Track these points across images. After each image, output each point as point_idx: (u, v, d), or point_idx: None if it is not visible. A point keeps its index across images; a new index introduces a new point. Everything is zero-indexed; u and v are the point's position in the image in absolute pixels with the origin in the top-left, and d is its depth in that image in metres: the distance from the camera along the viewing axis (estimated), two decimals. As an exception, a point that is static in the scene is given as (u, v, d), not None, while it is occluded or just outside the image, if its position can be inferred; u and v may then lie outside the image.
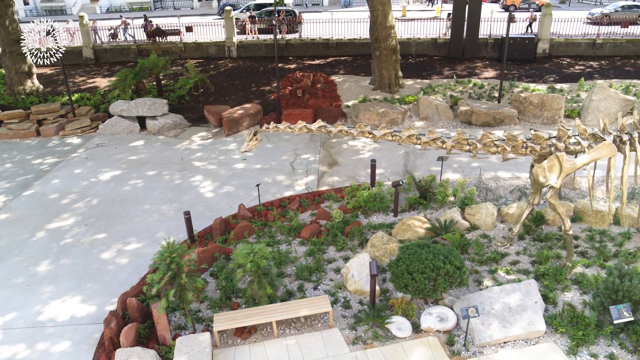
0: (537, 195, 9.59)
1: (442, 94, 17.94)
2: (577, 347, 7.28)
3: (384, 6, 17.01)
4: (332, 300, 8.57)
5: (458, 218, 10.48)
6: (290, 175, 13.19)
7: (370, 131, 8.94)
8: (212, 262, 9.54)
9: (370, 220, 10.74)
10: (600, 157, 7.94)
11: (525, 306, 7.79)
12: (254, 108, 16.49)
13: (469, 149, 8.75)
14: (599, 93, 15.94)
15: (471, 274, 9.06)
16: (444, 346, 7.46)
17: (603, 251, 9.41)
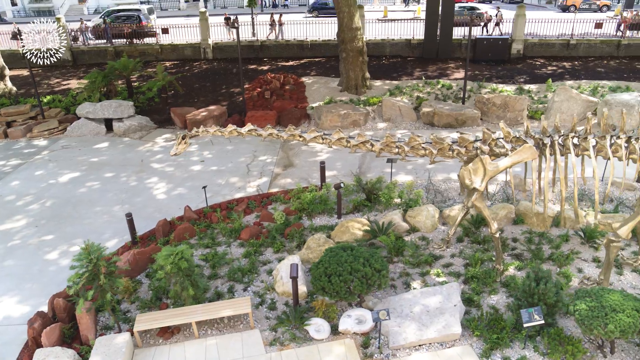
0: (469, 198, 9.68)
1: (409, 95, 17.98)
2: (490, 350, 7.33)
3: (349, 8, 17.08)
4: (259, 301, 8.67)
5: (398, 220, 10.54)
6: (244, 177, 13.29)
7: (301, 134, 9.01)
8: (148, 264, 9.67)
9: (312, 222, 10.86)
10: (522, 160, 7.96)
11: (444, 309, 7.85)
12: (218, 110, 16.62)
13: (397, 152, 8.80)
14: (561, 94, 15.92)
15: (401, 277, 9.17)
16: (358, 348, 7.53)
17: (537, 254, 9.46)
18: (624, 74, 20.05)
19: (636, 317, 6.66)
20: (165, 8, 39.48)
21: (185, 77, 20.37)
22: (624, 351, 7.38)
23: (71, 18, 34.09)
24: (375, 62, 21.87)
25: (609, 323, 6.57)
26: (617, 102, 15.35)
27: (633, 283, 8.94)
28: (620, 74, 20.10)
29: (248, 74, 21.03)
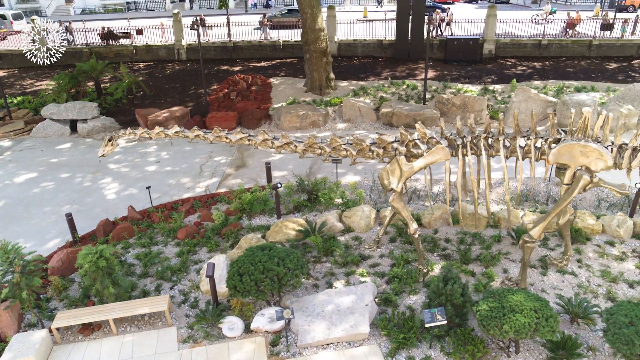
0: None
1: (372, 95, 18.06)
2: (397, 350, 7.43)
3: (312, 9, 17.19)
4: (183, 299, 8.85)
5: (333, 221, 10.64)
6: (195, 177, 13.45)
7: (227, 135, 9.14)
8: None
9: (249, 222, 10.99)
10: (436, 161, 8.05)
11: (355, 309, 7.95)
12: (180, 111, 16.79)
13: (320, 153, 8.92)
14: (520, 94, 15.94)
15: (326, 276, 9.27)
16: (267, 346, 7.67)
17: (465, 254, 9.53)
18: (592, 74, 19.99)
19: (532, 318, 6.73)
20: (151, 9, 39.77)
21: (156, 78, 20.57)
22: (529, 351, 7.47)
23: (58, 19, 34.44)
24: (346, 62, 21.96)
25: (505, 323, 6.65)
26: (573, 102, 15.34)
27: (555, 283, 9.02)
28: (589, 74, 20.04)
29: (219, 74, 21.22)
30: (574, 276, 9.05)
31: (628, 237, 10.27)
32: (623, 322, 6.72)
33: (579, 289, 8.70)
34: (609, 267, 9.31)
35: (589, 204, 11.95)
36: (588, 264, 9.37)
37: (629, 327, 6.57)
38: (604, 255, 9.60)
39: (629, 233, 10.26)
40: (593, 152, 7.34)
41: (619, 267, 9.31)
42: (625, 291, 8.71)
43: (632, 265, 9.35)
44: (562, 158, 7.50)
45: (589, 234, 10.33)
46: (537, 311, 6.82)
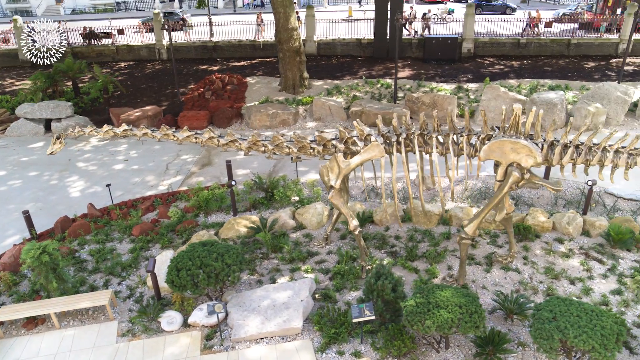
0: (345, 195, 9.84)
1: (346, 94, 18.14)
2: (328, 345, 7.51)
3: (285, 9, 17.28)
4: (129, 294, 8.97)
5: (286, 218, 10.74)
6: (160, 175, 13.58)
7: (174, 134, 9.24)
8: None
9: (205, 220, 11.11)
10: (371, 158, 8.13)
11: (290, 304, 8.04)
12: (153, 110, 16.93)
13: (263, 150, 9.00)
14: (488, 93, 15.97)
15: (271, 272, 9.36)
16: (202, 340, 7.78)
17: (411, 251, 9.60)
18: (569, 73, 19.98)
19: (456, 313, 6.79)
20: (141, 8, 40.00)
21: (135, 77, 20.74)
22: (459, 347, 7.54)
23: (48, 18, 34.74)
24: (324, 62, 22.05)
25: (428, 319, 6.73)
26: (541, 101, 15.36)
27: (497, 280, 9.07)
28: (566, 73, 20.03)
29: (197, 74, 21.36)
30: (517, 273, 9.10)
31: (577, 235, 10.31)
32: (547, 317, 6.76)
33: (520, 286, 8.79)
34: (554, 264, 9.36)
35: (546, 202, 12.02)
36: (534, 261, 9.42)
37: (551, 323, 6.64)
38: (551, 252, 9.65)
39: (578, 230, 10.30)
40: (523, 149, 7.39)
41: (564, 264, 9.36)
42: (565, 288, 8.77)
43: (577, 262, 9.39)
44: (492, 155, 7.56)
45: (539, 231, 10.38)
46: (462, 307, 6.88)
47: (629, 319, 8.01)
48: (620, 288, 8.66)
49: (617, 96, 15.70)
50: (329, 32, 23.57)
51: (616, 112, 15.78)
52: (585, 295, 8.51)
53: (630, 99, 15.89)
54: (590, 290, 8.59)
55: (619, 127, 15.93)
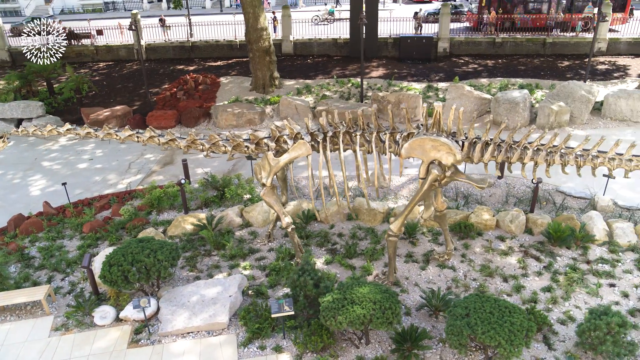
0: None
1: (316, 93, 18.24)
2: (251, 340, 7.64)
3: (254, 9, 17.40)
4: (70, 290, 9.15)
5: (233, 216, 10.88)
6: (122, 174, 13.75)
7: (116, 133, 9.39)
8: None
9: (155, 218, 11.26)
10: (298, 156, 8.25)
11: (218, 299, 8.17)
12: (122, 110, 17.12)
13: (201, 149, 9.15)
14: (453, 92, 16.02)
15: (210, 269, 9.49)
16: (131, 334, 7.93)
17: (350, 249, 9.70)
18: (542, 72, 19.97)
19: (369, 309, 6.90)
20: (129, 8, 40.19)
21: (112, 77, 20.94)
22: (379, 343, 7.64)
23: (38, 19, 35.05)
24: (300, 61, 22.15)
25: (340, 315, 6.83)
26: (504, 100, 15.39)
27: (431, 277, 9.15)
28: (538, 72, 20.03)
29: (173, 74, 21.53)
30: (452, 270, 9.19)
31: (520, 232, 10.37)
32: (460, 314, 6.86)
33: (452, 283, 8.88)
34: (492, 261, 9.43)
35: (497, 200, 12.08)
36: (471, 259, 9.50)
37: (464, 319, 6.73)
38: (490, 250, 9.73)
39: (521, 228, 10.36)
40: (443, 146, 7.47)
41: (502, 262, 9.43)
42: (498, 285, 8.84)
43: (514, 260, 9.47)
44: (414, 152, 7.65)
45: (482, 229, 10.45)
46: (376, 303, 7.00)
47: (554, 316, 8.10)
48: (552, 285, 8.75)
49: (581, 95, 15.71)
50: (306, 32, 23.67)
51: (580, 110, 15.78)
52: (516, 292, 8.59)
53: (594, 97, 15.89)
54: (522, 288, 8.66)
55: (582, 125, 15.95)
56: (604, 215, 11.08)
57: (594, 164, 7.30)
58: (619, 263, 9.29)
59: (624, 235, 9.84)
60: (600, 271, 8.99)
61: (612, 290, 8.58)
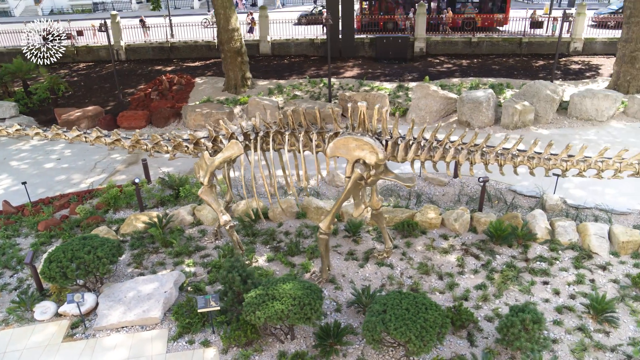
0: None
1: (287, 94, 18.41)
2: (181, 334, 7.83)
3: (225, 10, 17.60)
4: (16, 286, 9.36)
5: (184, 214, 11.08)
6: (87, 173, 13.98)
7: (64, 133, 9.61)
8: None
9: (110, 216, 11.47)
10: (231, 155, 8.42)
11: (153, 295, 8.37)
12: (94, 110, 17.36)
13: (145, 149, 9.34)
14: (418, 91, 16.15)
15: (154, 266, 9.68)
16: (67, 329, 8.14)
17: (292, 247, 9.86)
18: (515, 72, 20.05)
19: (288, 305, 7.06)
20: (119, 9, 40.55)
21: (91, 78, 21.20)
22: (305, 338, 7.80)
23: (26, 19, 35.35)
24: (276, 62, 22.33)
25: (259, 310, 7.00)
26: (468, 99, 15.51)
27: (367, 275, 9.30)
28: (512, 72, 20.11)
29: (151, 74, 21.76)
30: (390, 268, 9.35)
31: (464, 231, 10.51)
32: (377, 310, 7.02)
33: (387, 280, 9.02)
34: (431, 259, 9.57)
35: (449, 199, 12.21)
36: (411, 257, 9.64)
37: (380, 315, 6.88)
38: (431, 248, 9.87)
39: (465, 227, 10.49)
40: (366, 146, 7.62)
41: (441, 260, 9.57)
42: (432, 283, 8.98)
43: (454, 258, 9.61)
44: (338, 151, 7.80)
45: (427, 228, 10.59)
46: (295, 299, 7.17)
47: (482, 313, 8.23)
48: (485, 283, 8.89)
49: (546, 94, 15.80)
50: (283, 32, 23.90)
51: (545, 110, 15.89)
52: (449, 290, 8.73)
53: (559, 97, 15.98)
54: (455, 285, 8.81)
55: (547, 125, 16.06)
56: (552, 214, 11.22)
57: (514, 163, 7.43)
58: (557, 261, 9.43)
59: (565, 233, 9.97)
60: (536, 269, 9.14)
61: (545, 287, 8.74)
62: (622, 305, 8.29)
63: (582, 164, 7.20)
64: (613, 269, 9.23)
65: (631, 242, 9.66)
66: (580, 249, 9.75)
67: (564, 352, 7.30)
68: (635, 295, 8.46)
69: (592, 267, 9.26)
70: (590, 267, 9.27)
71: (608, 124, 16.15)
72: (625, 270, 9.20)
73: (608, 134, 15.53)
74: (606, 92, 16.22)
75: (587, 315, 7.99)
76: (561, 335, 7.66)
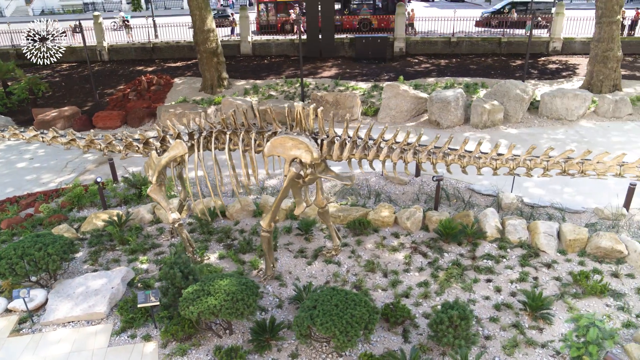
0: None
1: (262, 94, 18.59)
2: (124, 329, 8.02)
3: (200, 11, 17.80)
4: (-30, 284, 9.60)
5: (144, 212, 11.27)
6: (58, 173, 14.22)
7: (21, 133, 9.84)
8: None
9: (73, 215, 11.68)
10: (176, 155, 8.59)
11: (100, 291, 8.56)
12: (70, 110, 17.62)
13: (100, 149, 9.54)
14: (388, 91, 16.28)
15: (109, 262, 9.86)
16: (15, 324, 8.34)
17: (244, 244, 10.02)
18: (492, 71, 20.13)
19: (221, 300, 7.23)
20: (109, 9, 40.89)
21: (72, 78, 21.45)
22: (243, 333, 7.96)
23: (18, 19, 35.69)
24: (256, 62, 22.52)
25: (192, 305, 7.18)
26: (437, 99, 15.63)
27: (313, 272, 9.44)
28: (489, 71, 20.19)
29: (132, 75, 21.99)
30: (337, 266, 9.50)
31: (416, 229, 10.64)
32: (308, 305, 7.18)
33: (332, 277, 9.17)
34: (379, 257, 9.72)
35: (409, 198, 12.33)
36: (360, 255, 9.78)
37: (309, 311, 7.03)
38: (381, 246, 10.01)
39: (417, 225, 10.62)
40: (302, 145, 7.78)
41: (389, 258, 9.71)
42: (376, 280, 9.12)
43: (402, 256, 9.74)
44: (275, 150, 7.97)
45: (380, 226, 10.74)
46: (229, 294, 7.34)
47: (420, 310, 8.36)
48: (428, 281, 9.01)
49: (516, 94, 15.90)
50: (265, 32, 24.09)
51: (515, 109, 15.98)
52: (392, 287, 8.87)
53: (529, 96, 16.07)
54: (399, 283, 8.95)
55: (517, 124, 16.15)
56: (507, 212, 11.33)
57: (445, 161, 7.56)
58: (504, 259, 9.56)
59: (515, 232, 10.09)
60: (481, 267, 9.26)
61: (488, 285, 8.86)
62: (560, 303, 8.46)
63: (511, 163, 7.33)
64: (558, 266, 9.37)
65: (578, 240, 9.80)
66: (528, 247, 9.88)
67: (496, 348, 7.44)
68: (574, 293, 8.61)
69: (538, 265, 9.40)
70: (536, 265, 9.40)
71: (578, 123, 16.24)
72: (569, 268, 9.33)
73: (576, 133, 15.62)
74: (576, 91, 16.30)
75: (524, 312, 8.14)
76: (496, 331, 7.81)
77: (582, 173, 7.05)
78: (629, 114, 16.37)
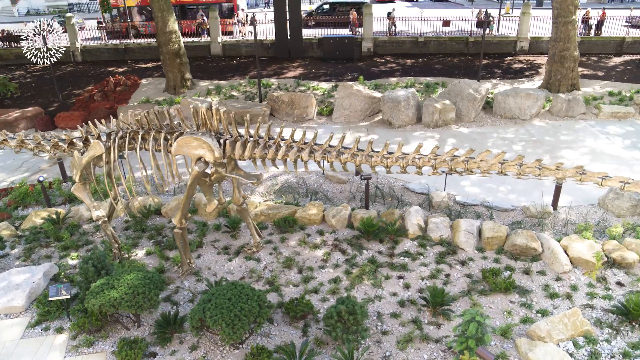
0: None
1: (224, 94, 18.87)
2: (39, 322, 8.34)
3: (162, 12, 18.10)
4: None
5: (83, 211, 11.58)
6: (12, 172, 14.58)
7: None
8: None
9: (16, 213, 12.02)
10: (94, 154, 8.88)
11: (21, 285, 8.90)
12: (33, 111, 18.02)
13: (31, 149, 9.87)
14: (341, 91, 16.49)
15: (41, 259, 10.14)
16: (-54, 319, 8.71)
17: (170, 241, 10.32)
18: (456, 71, 20.25)
19: (122, 293, 7.54)
20: (94, 10, 41.34)
21: (44, 79, 21.87)
22: (151, 326, 8.23)
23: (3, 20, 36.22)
24: (225, 62, 22.79)
25: (94, 298, 7.49)
26: (388, 99, 15.82)
27: (232, 269, 9.66)
28: (453, 71, 20.31)
29: (102, 76, 22.36)
30: (257, 262, 9.76)
31: (342, 227, 10.86)
32: (204, 299, 7.46)
33: (247, 274, 9.43)
34: (299, 254, 9.96)
35: (346, 196, 12.55)
36: (281, 252, 10.04)
37: (204, 304, 7.31)
38: (303, 243, 10.25)
39: (342, 223, 10.85)
40: (205, 144, 8.05)
41: (309, 255, 9.95)
42: (290, 277, 9.35)
43: (321, 253, 9.97)
44: (181, 150, 8.25)
45: (307, 224, 10.98)
46: (131, 288, 7.64)
47: (326, 305, 8.57)
48: (341, 277, 9.24)
49: (468, 93, 16.05)
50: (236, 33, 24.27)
51: (468, 108, 16.14)
52: (304, 283, 9.12)
53: (481, 96, 16.21)
54: (311, 279, 9.19)
55: (470, 123, 16.30)
56: (437, 211, 11.51)
57: (339, 160, 7.78)
58: (421, 256, 9.77)
59: (437, 229, 10.30)
60: (396, 264, 9.48)
61: (398, 282, 9.09)
62: (466, 299, 8.66)
63: (402, 161, 7.54)
64: (473, 264, 9.57)
65: (496, 238, 10.00)
66: (448, 244, 10.09)
67: (390, 343, 7.67)
68: (482, 289, 8.82)
69: (453, 262, 9.60)
70: (451, 262, 9.61)
71: (530, 123, 16.36)
72: (483, 265, 9.52)
73: (526, 132, 15.75)
74: (529, 90, 16.42)
75: (426, 308, 8.36)
76: (394, 327, 8.04)
77: (468, 171, 7.26)
78: (582, 113, 16.46)
